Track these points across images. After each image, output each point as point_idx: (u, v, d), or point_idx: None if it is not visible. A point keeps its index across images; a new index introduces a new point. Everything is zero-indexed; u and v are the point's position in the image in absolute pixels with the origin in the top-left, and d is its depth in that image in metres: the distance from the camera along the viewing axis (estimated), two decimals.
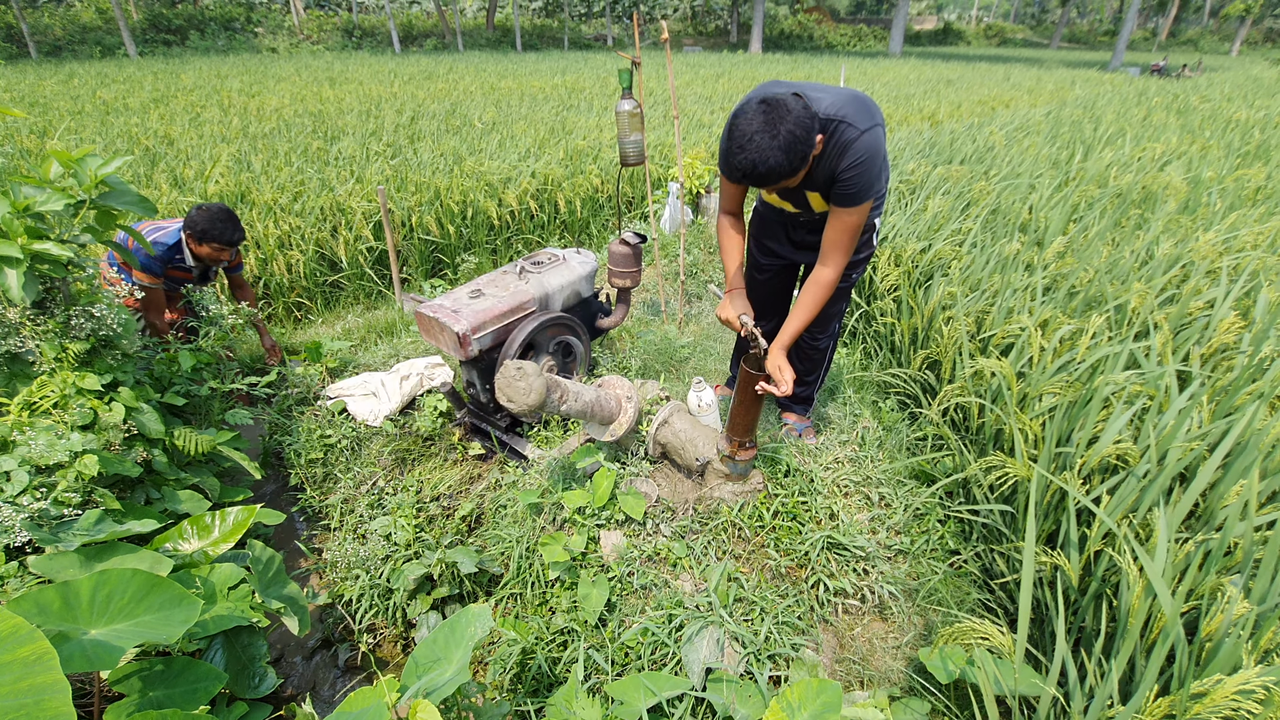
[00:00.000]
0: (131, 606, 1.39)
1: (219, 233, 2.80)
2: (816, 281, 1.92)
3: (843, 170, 1.71)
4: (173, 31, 24.35)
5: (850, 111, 1.69)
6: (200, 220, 2.79)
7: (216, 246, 2.83)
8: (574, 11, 41.28)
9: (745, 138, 1.55)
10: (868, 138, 1.68)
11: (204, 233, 2.79)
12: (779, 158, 1.53)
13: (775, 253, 2.33)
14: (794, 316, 1.96)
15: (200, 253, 2.87)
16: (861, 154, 1.68)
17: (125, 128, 6.99)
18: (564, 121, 8.17)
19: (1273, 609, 1.35)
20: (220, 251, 2.86)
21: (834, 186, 1.76)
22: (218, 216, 2.80)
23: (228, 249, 2.87)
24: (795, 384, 2.60)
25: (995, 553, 2.09)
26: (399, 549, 2.33)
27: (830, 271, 1.89)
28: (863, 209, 1.78)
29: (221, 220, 2.81)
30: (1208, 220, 3.48)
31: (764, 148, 1.53)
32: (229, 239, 2.84)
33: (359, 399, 2.97)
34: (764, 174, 1.56)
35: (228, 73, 14.36)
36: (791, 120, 1.53)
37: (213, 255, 2.87)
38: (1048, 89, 14.94)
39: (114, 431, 1.98)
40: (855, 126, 1.68)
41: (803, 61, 22.18)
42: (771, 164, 1.54)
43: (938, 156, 5.25)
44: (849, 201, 1.75)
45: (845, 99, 1.72)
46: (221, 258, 2.90)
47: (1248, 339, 2.26)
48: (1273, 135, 6.08)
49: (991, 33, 49.94)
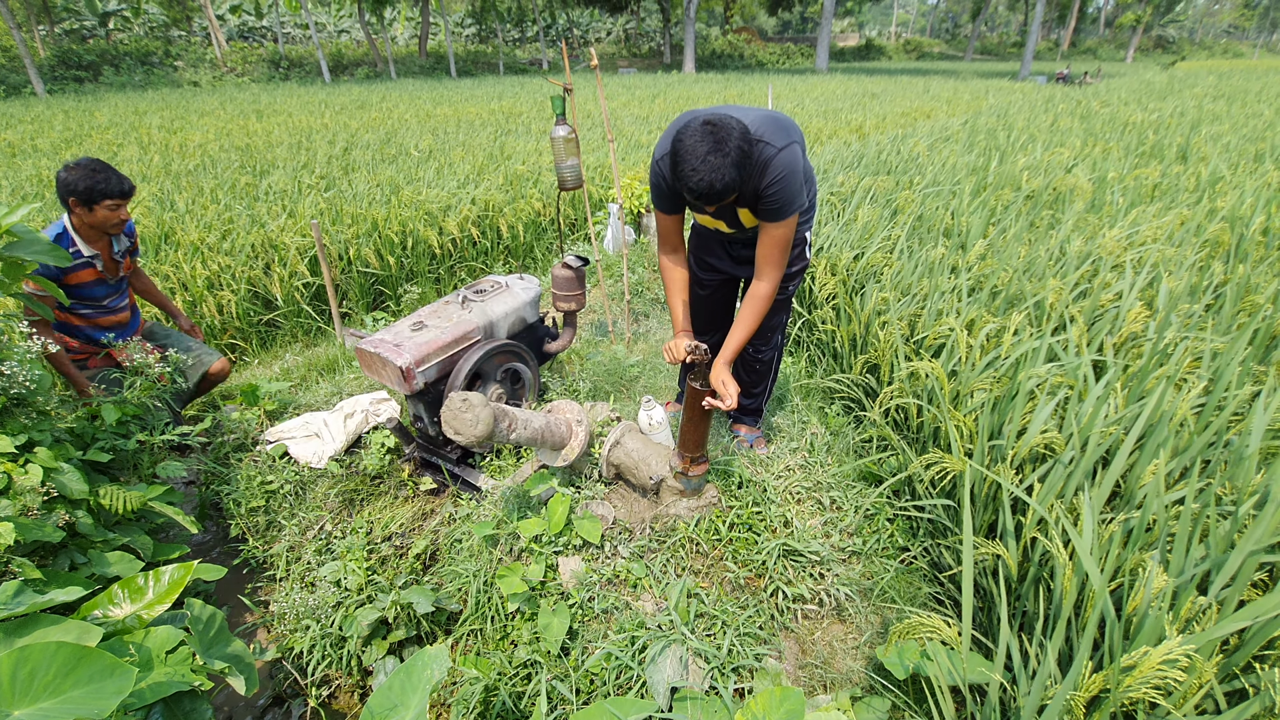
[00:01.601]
0: (57, 682, 1.30)
1: (105, 183, 2.40)
2: (754, 295, 2.00)
3: (765, 187, 1.79)
4: (84, 68, 23.30)
5: (767, 131, 1.78)
6: (78, 179, 2.39)
7: (110, 204, 2.44)
8: (507, 37, 41.48)
9: (698, 159, 1.59)
10: (785, 154, 1.77)
11: (89, 190, 2.39)
12: (732, 174, 1.60)
13: (715, 268, 2.40)
14: (735, 331, 2.02)
15: (94, 223, 2.46)
16: (780, 170, 1.77)
17: (35, 170, 6.63)
18: (502, 146, 8.16)
19: (1190, 579, 1.44)
20: (116, 209, 2.46)
21: (759, 203, 1.84)
22: (93, 168, 2.41)
23: (123, 202, 2.48)
24: (742, 396, 2.67)
25: (942, 546, 2.17)
26: (351, 594, 2.25)
27: (766, 285, 1.97)
28: (789, 222, 1.86)
29: (99, 170, 2.42)
30: (1112, 217, 3.73)
31: (718, 166, 1.58)
32: (119, 188, 2.44)
33: (301, 441, 2.87)
34: (720, 191, 1.61)
35: (146, 109, 13.81)
36: (738, 136, 1.60)
37: (107, 219, 2.47)
38: (964, 99, 15.79)
39: (31, 495, 1.86)
40: (772, 145, 1.77)
41: (735, 80, 22.84)
42: (727, 180, 1.60)
43: (865, 168, 5.47)
44: (775, 216, 1.84)
45: (762, 119, 1.80)
46: (118, 219, 2.50)
47: (1153, 327, 2.43)
48: (1165, 135, 6.59)
49: (910, 47, 52.59)
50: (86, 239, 2.55)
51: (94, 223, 2.49)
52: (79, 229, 2.53)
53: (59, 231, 2.50)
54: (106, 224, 2.50)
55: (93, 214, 2.46)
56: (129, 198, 2.51)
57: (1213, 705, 1.32)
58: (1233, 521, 1.51)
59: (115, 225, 2.53)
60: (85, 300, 2.65)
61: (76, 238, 2.52)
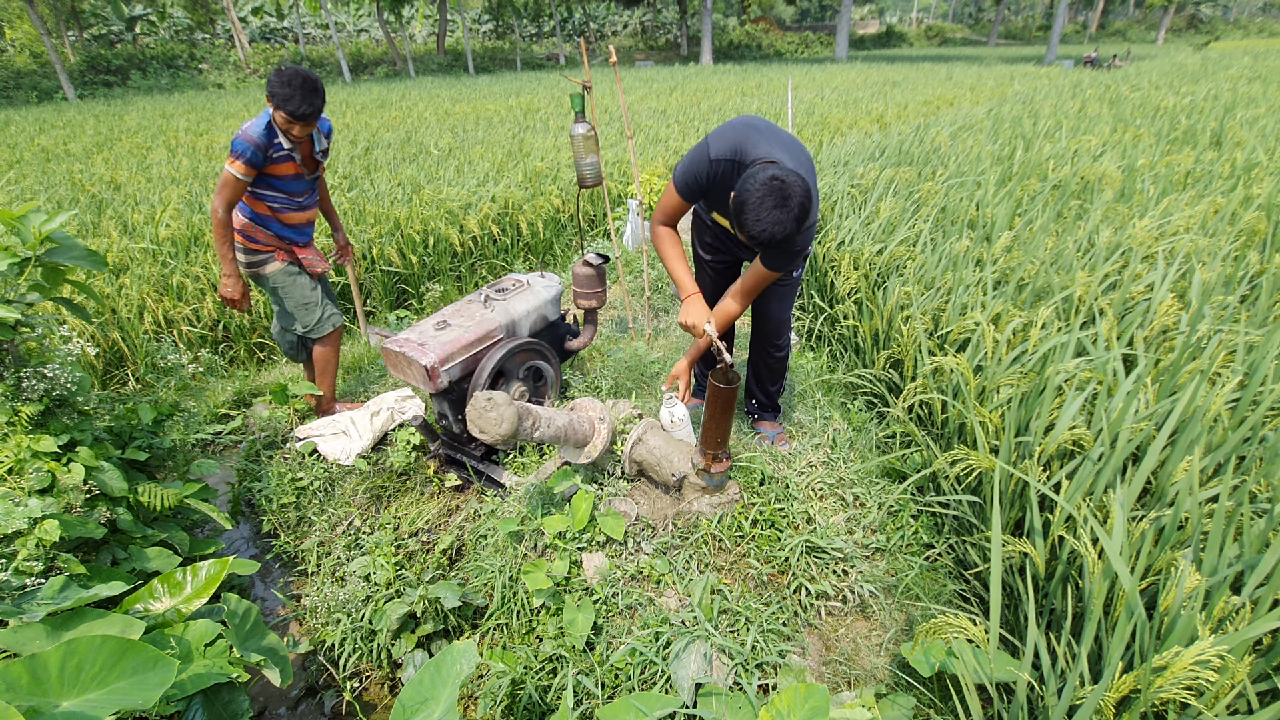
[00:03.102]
0: (104, 674, 1.35)
1: (287, 99, 2.46)
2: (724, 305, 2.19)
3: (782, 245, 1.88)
4: (113, 72, 23.82)
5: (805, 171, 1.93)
6: (273, 83, 2.46)
7: (285, 117, 2.50)
8: (524, 33, 41.52)
9: (763, 210, 1.73)
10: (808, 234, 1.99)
11: (273, 96, 2.46)
12: (793, 227, 1.76)
13: (718, 249, 2.48)
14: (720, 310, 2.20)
15: (278, 124, 2.55)
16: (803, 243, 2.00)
17: (68, 174, 6.81)
18: (521, 143, 8.20)
19: (1223, 579, 1.42)
20: (289, 125, 2.53)
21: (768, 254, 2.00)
22: (289, 79, 2.46)
23: (295, 123, 2.53)
24: (762, 393, 2.67)
25: (967, 543, 2.15)
26: (380, 589, 2.30)
27: (736, 306, 2.17)
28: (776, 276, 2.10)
29: (293, 84, 2.45)
30: (1143, 207, 3.65)
31: (781, 220, 1.73)
32: (293, 108, 2.47)
33: (329, 438, 2.93)
34: (780, 241, 1.77)
35: (173, 111, 14.09)
36: (798, 191, 1.74)
37: (285, 126, 2.54)
38: (988, 86, 15.49)
39: (74, 493, 1.93)
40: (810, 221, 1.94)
41: (753, 71, 22.63)
42: (788, 232, 1.76)
43: (887, 160, 5.40)
44: (775, 266, 2.03)
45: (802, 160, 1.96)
46: (293, 134, 2.57)
47: (1185, 319, 2.38)
48: (1198, 120, 6.40)
49: (932, 33, 51.62)
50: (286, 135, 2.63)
51: (277, 122, 2.56)
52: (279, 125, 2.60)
53: (266, 121, 2.56)
54: (284, 130, 2.58)
55: (277, 115, 2.53)
56: (302, 120, 2.54)
57: (1245, 705, 1.30)
58: (1268, 520, 1.48)
59: (293, 135, 2.60)
60: (280, 192, 2.74)
61: (279, 131, 2.59)
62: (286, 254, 2.88)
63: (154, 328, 4.00)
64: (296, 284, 2.90)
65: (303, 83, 2.48)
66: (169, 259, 4.35)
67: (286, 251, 2.87)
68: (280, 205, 2.76)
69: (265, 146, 2.55)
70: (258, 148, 2.52)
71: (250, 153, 2.51)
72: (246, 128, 2.54)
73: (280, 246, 2.85)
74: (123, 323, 3.83)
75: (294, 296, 2.91)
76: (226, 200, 2.59)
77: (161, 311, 4.01)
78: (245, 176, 2.55)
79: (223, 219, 2.61)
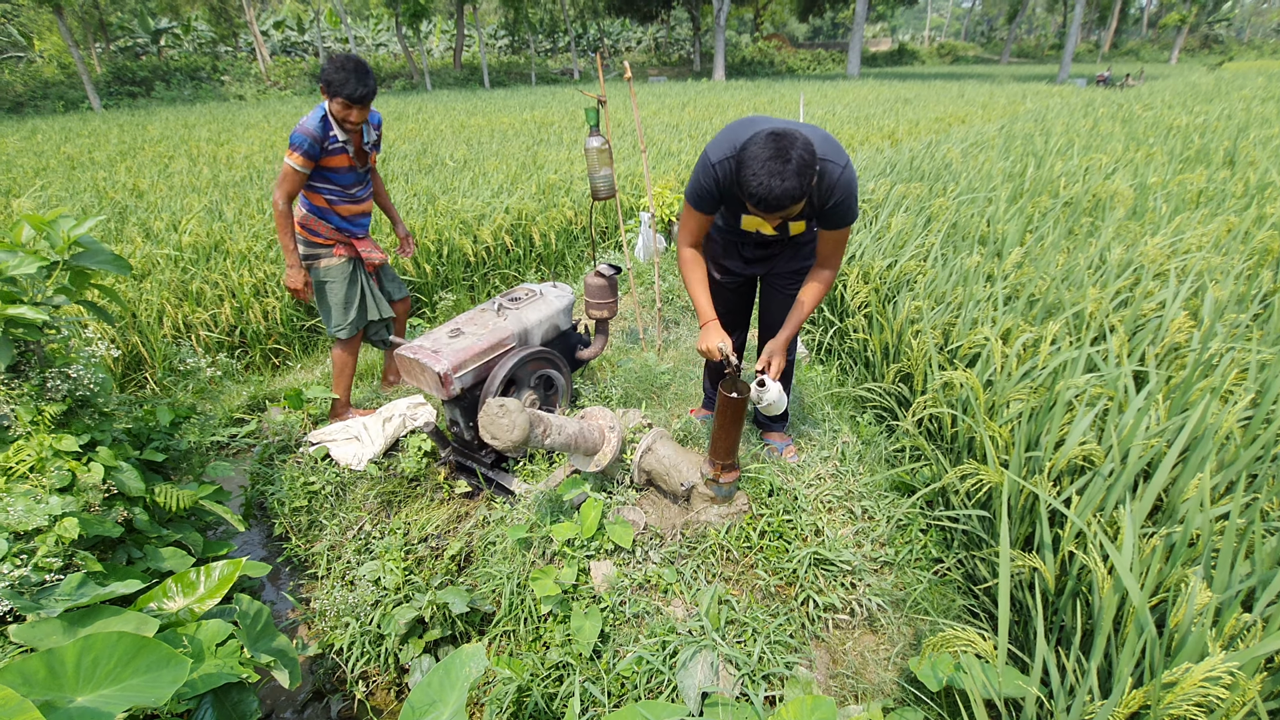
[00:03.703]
0: (118, 670, 1.37)
1: (343, 84, 2.54)
2: (817, 280, 2.13)
3: (831, 205, 1.91)
4: (137, 83, 24.34)
5: (830, 151, 1.87)
6: (326, 70, 2.55)
7: (342, 103, 2.59)
8: (539, 48, 42.07)
9: (759, 164, 1.65)
10: (847, 174, 1.89)
11: (328, 83, 2.55)
12: (793, 182, 1.64)
13: (731, 270, 2.43)
14: (799, 310, 2.15)
15: (333, 114, 2.64)
16: (845, 190, 1.89)
17: (92, 182, 6.96)
18: (535, 156, 8.30)
19: (1234, 596, 1.41)
20: (346, 110, 2.61)
21: (824, 219, 1.98)
22: (343, 64, 2.54)
23: (353, 108, 2.61)
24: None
25: (977, 558, 2.14)
26: (388, 593, 2.32)
27: (829, 272, 2.13)
28: (847, 228, 2.03)
29: (346, 68, 2.54)
30: (1155, 225, 3.64)
31: (778, 172, 1.63)
32: (349, 91, 2.55)
33: (341, 444, 2.96)
34: (779, 197, 1.66)
35: (195, 122, 14.37)
36: (800, 147, 1.65)
37: (341, 114, 2.63)
38: (1000, 104, 15.51)
39: (93, 492, 1.97)
40: (836, 164, 1.87)
41: (765, 87, 22.80)
42: (788, 187, 1.64)
43: (898, 175, 5.43)
44: (837, 225, 1.99)
45: (821, 139, 1.89)
46: (348, 117, 2.64)
47: (1197, 337, 2.37)
48: (1211, 139, 6.39)
49: (944, 51, 51.82)
50: (341, 126, 2.70)
51: (335, 114, 2.65)
52: (334, 115, 2.68)
53: (321, 115, 2.65)
54: (340, 117, 2.66)
55: (333, 104, 2.63)
56: (359, 104, 2.62)
57: None
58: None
59: (349, 123, 2.68)
60: (334, 185, 2.82)
61: (334, 123, 2.67)
62: (346, 248, 2.97)
63: (173, 332, 4.06)
64: (342, 284, 3.00)
65: (355, 66, 2.57)
66: (189, 265, 4.43)
67: (346, 245, 2.97)
68: (335, 198, 2.85)
69: (321, 139, 2.64)
70: (314, 139, 2.62)
71: (307, 144, 2.61)
72: (303, 121, 2.64)
73: (340, 240, 2.94)
74: (143, 327, 3.90)
75: (336, 294, 3.00)
76: (287, 192, 2.69)
77: (181, 316, 4.08)
78: (303, 168, 2.64)
79: (284, 210, 2.71)
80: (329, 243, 2.93)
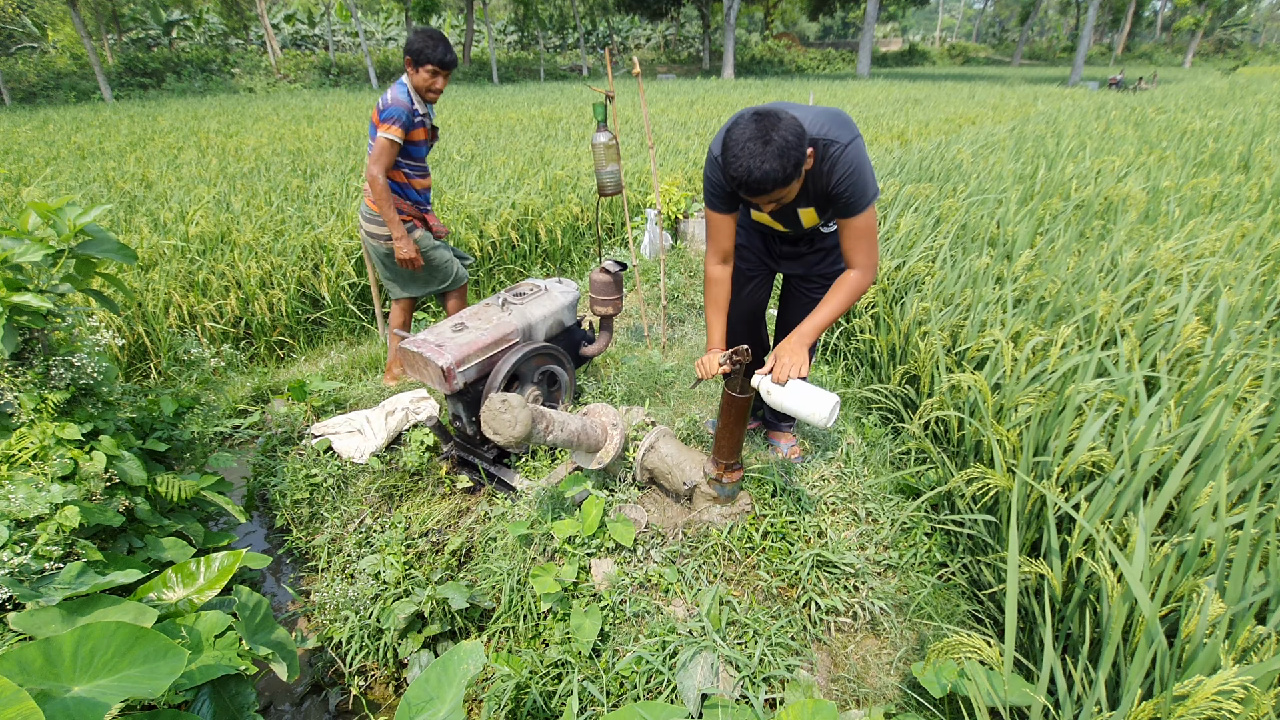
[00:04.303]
0: (116, 660, 1.36)
1: (432, 50, 2.67)
2: (847, 280, 1.89)
3: (835, 185, 1.76)
4: (148, 74, 24.41)
5: (832, 128, 1.75)
6: (414, 40, 2.69)
7: (432, 70, 2.72)
8: (548, 44, 42.03)
9: (739, 146, 1.58)
10: (851, 150, 1.74)
11: (419, 52, 2.68)
12: (773, 164, 1.55)
13: (755, 256, 2.32)
14: (821, 310, 1.91)
15: (417, 84, 2.76)
16: (849, 165, 1.74)
17: (102, 172, 6.98)
18: (542, 152, 8.28)
19: (1247, 608, 1.38)
20: (434, 76, 2.75)
21: (833, 203, 1.81)
22: (430, 34, 2.69)
23: (441, 71, 2.74)
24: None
25: (982, 563, 2.12)
26: (388, 587, 2.31)
27: (858, 273, 1.88)
28: (868, 213, 1.81)
29: (435, 36, 2.69)
30: (1167, 229, 3.60)
31: (757, 154, 1.55)
32: (441, 57, 2.69)
33: (344, 436, 2.96)
34: (759, 179, 1.57)
35: (205, 114, 14.40)
36: (783, 128, 1.57)
37: (429, 82, 2.76)
38: (1011, 105, 15.41)
39: (95, 481, 1.96)
40: (839, 142, 1.74)
41: (774, 85, 22.70)
42: (766, 169, 1.55)
43: (907, 175, 5.39)
44: (851, 210, 1.80)
45: (826, 117, 1.78)
46: (435, 85, 2.78)
47: (1210, 343, 2.34)
48: (1225, 144, 6.32)
49: (955, 52, 51.53)
50: (423, 96, 2.83)
51: (417, 84, 2.76)
52: (416, 89, 2.80)
53: (406, 90, 2.76)
54: (426, 86, 2.78)
55: (418, 74, 2.75)
56: (449, 69, 2.76)
57: None
58: None
59: (432, 92, 2.81)
60: (413, 159, 2.95)
61: (415, 97, 2.78)
62: (422, 222, 3.12)
63: (178, 322, 4.07)
64: (441, 247, 3.18)
65: (441, 35, 2.74)
66: (196, 256, 4.43)
67: (421, 220, 3.09)
68: (411, 171, 2.97)
69: (412, 111, 2.75)
70: (410, 112, 2.74)
71: (404, 117, 2.73)
72: (395, 96, 2.73)
73: (418, 215, 3.06)
74: (148, 316, 3.90)
75: (441, 255, 3.17)
76: (384, 166, 2.80)
77: (186, 307, 4.09)
78: (400, 140, 2.76)
79: (385, 183, 2.82)
80: (408, 219, 3.03)
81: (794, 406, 1.78)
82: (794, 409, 1.78)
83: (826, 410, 1.72)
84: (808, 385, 1.78)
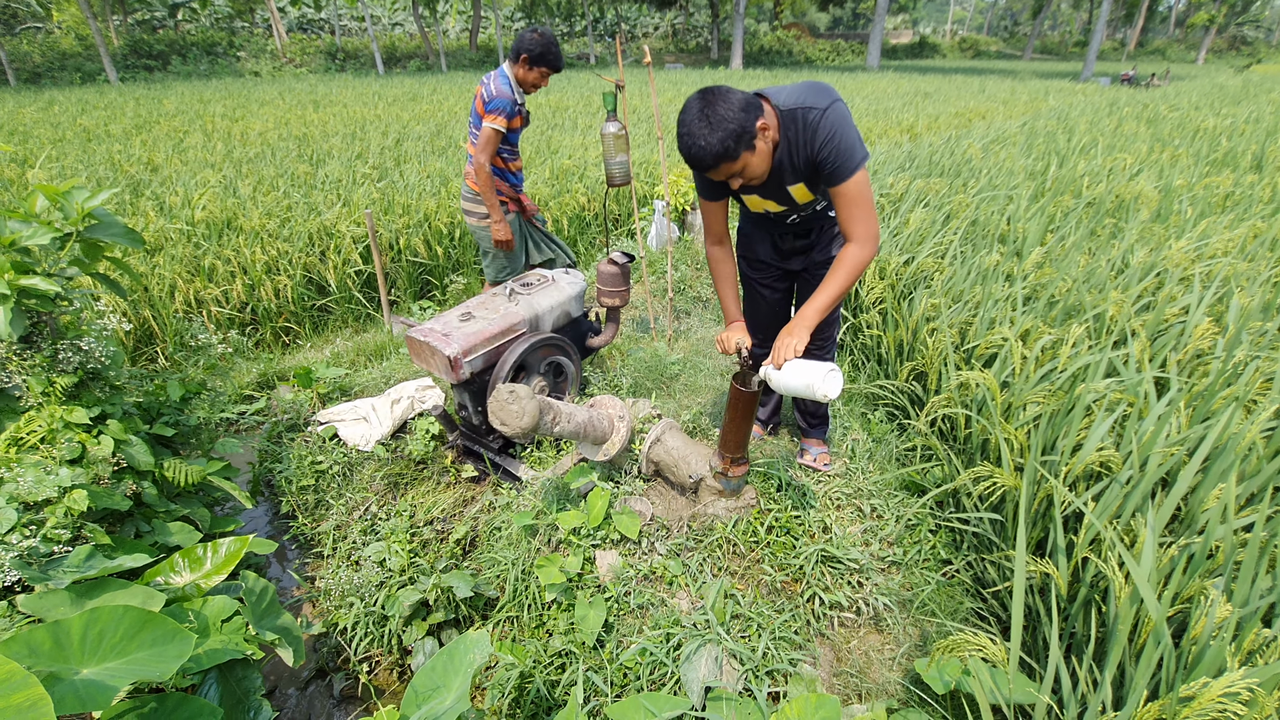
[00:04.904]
0: (124, 644, 1.37)
1: (555, 58, 2.87)
2: (845, 258, 1.81)
3: (820, 150, 1.73)
4: (154, 57, 24.33)
5: (808, 96, 1.73)
6: (536, 44, 2.84)
7: (542, 72, 2.91)
8: (556, 31, 41.71)
9: (683, 125, 1.63)
10: (831, 113, 1.71)
11: (540, 56, 2.85)
12: (708, 137, 1.59)
13: (766, 263, 2.28)
14: (823, 291, 1.82)
15: (525, 79, 2.94)
16: (830, 128, 1.71)
17: (107, 154, 6.97)
18: (549, 141, 8.24)
19: (1254, 611, 1.38)
20: (545, 78, 2.95)
21: (820, 171, 1.78)
22: (550, 40, 2.86)
23: (548, 76, 2.96)
24: (811, 403, 2.52)
25: (986, 561, 2.12)
26: (393, 575, 2.32)
27: (856, 246, 1.80)
28: (858, 178, 1.75)
29: (553, 43, 2.87)
30: (1179, 228, 3.57)
31: (697, 131, 1.60)
32: (558, 64, 2.91)
33: (350, 424, 2.96)
34: (698, 154, 1.62)
35: (210, 97, 14.35)
36: (722, 103, 1.59)
37: (536, 81, 2.95)
38: (1022, 100, 15.27)
39: (103, 465, 1.97)
40: (816, 108, 1.71)
41: (782, 76, 22.53)
42: (701, 144, 1.59)
43: (917, 170, 5.35)
44: (839, 176, 1.75)
45: (803, 88, 1.76)
46: (542, 85, 2.99)
47: (1222, 344, 2.32)
48: (1239, 142, 6.26)
49: (966, 45, 51.02)
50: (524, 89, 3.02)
51: (525, 79, 2.96)
52: (519, 82, 2.98)
53: (508, 81, 2.94)
54: (533, 83, 2.98)
55: (530, 73, 2.93)
56: (558, 72, 2.99)
57: None
58: None
59: (536, 87, 3.01)
60: (509, 145, 3.15)
61: (516, 88, 2.97)
62: (516, 204, 3.29)
63: (184, 307, 4.07)
64: (517, 236, 3.32)
65: (555, 41, 2.91)
66: (202, 241, 4.43)
67: (516, 202, 3.29)
68: (508, 155, 3.16)
69: (514, 102, 2.94)
70: (512, 103, 2.92)
71: (511, 109, 2.93)
72: (499, 89, 2.88)
73: (513, 198, 3.23)
74: (154, 301, 3.90)
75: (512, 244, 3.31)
76: (490, 154, 2.99)
77: (192, 292, 4.09)
78: (505, 129, 2.95)
79: (490, 171, 3.03)
80: (505, 200, 3.21)
81: (794, 385, 1.74)
82: (795, 388, 1.74)
83: (820, 377, 1.67)
84: (803, 361, 1.75)
